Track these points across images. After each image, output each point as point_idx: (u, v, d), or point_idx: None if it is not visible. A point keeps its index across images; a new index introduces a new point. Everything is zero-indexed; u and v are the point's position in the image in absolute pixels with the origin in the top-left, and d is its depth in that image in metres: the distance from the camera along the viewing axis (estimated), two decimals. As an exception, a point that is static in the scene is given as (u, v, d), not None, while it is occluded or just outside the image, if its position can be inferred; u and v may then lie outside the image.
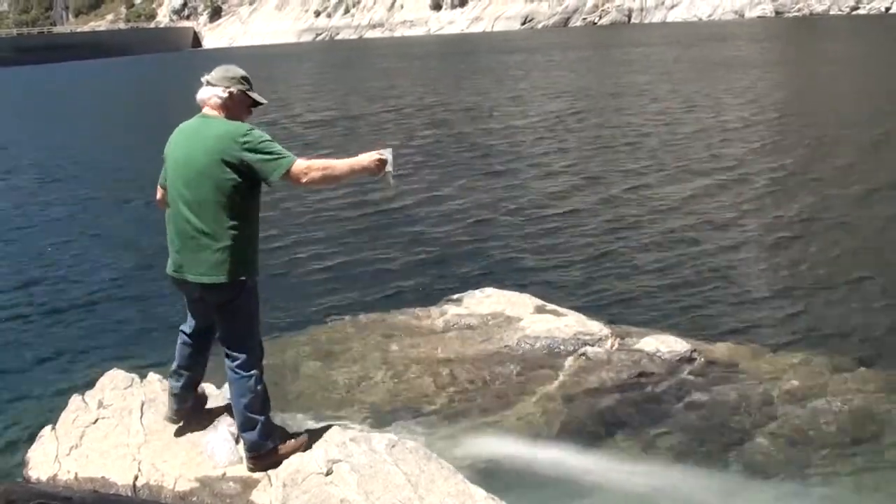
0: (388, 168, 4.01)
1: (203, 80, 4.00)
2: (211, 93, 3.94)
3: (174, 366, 4.34)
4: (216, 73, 3.99)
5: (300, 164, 3.81)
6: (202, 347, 4.28)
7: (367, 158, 3.96)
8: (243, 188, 3.81)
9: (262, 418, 4.04)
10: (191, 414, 4.43)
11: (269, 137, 3.84)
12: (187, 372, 4.29)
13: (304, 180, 3.83)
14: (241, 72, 4.03)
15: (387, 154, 4.00)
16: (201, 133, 3.87)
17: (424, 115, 23.88)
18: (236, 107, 3.98)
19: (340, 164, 3.97)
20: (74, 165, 19.44)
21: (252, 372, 4.00)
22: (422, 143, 19.08)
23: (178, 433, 4.41)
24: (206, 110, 3.97)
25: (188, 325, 4.24)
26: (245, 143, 3.77)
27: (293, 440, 4.16)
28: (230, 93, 3.94)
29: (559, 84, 30.37)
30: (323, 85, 37.98)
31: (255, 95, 4.05)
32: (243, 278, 3.88)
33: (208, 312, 4.06)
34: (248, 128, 3.84)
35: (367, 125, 22.87)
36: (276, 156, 3.79)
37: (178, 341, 4.30)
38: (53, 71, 73.98)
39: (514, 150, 17.31)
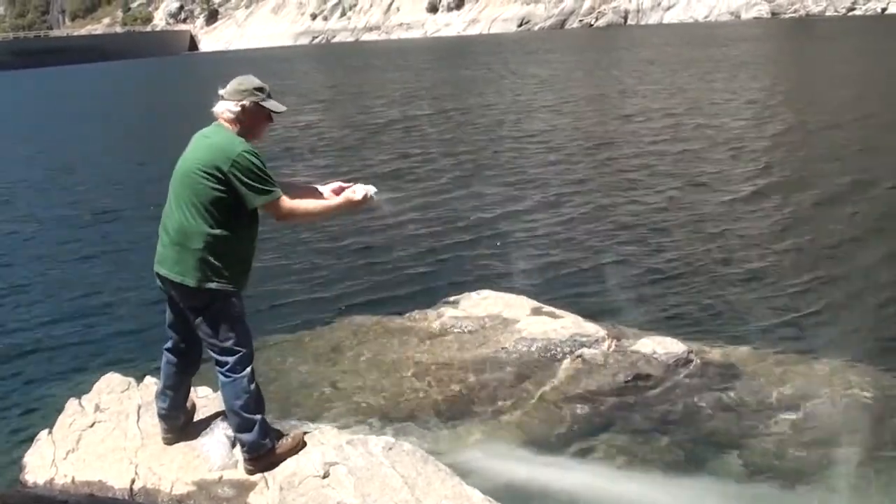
0: (373, 195, 4.08)
1: (219, 92, 3.99)
2: (224, 107, 3.95)
3: (160, 387, 4.35)
4: (230, 87, 3.97)
5: (284, 204, 3.89)
6: (186, 367, 4.27)
7: (344, 200, 4.07)
8: (228, 202, 3.82)
9: (258, 418, 4.04)
10: (184, 427, 4.43)
11: (260, 164, 3.82)
12: (172, 392, 4.29)
13: (286, 220, 4.01)
14: (254, 83, 3.99)
15: (359, 189, 4.07)
16: (204, 141, 3.90)
17: (426, 119, 23.84)
18: (250, 120, 3.96)
19: (322, 208, 4.07)
20: (74, 173, 19.39)
21: (243, 374, 3.99)
22: (423, 147, 19.07)
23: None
24: (219, 121, 3.97)
25: (171, 342, 4.24)
26: (234, 163, 3.76)
27: (289, 438, 4.16)
28: (242, 106, 3.93)
29: (562, 87, 30.38)
30: (336, 89, 37.71)
31: (269, 105, 4.01)
32: (212, 287, 3.86)
33: (185, 316, 4.04)
34: (243, 149, 3.81)
35: (375, 128, 22.85)
36: (261, 187, 3.81)
37: (163, 360, 4.29)
38: (51, 75, 73.93)
39: (512, 153, 17.31)
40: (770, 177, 13.14)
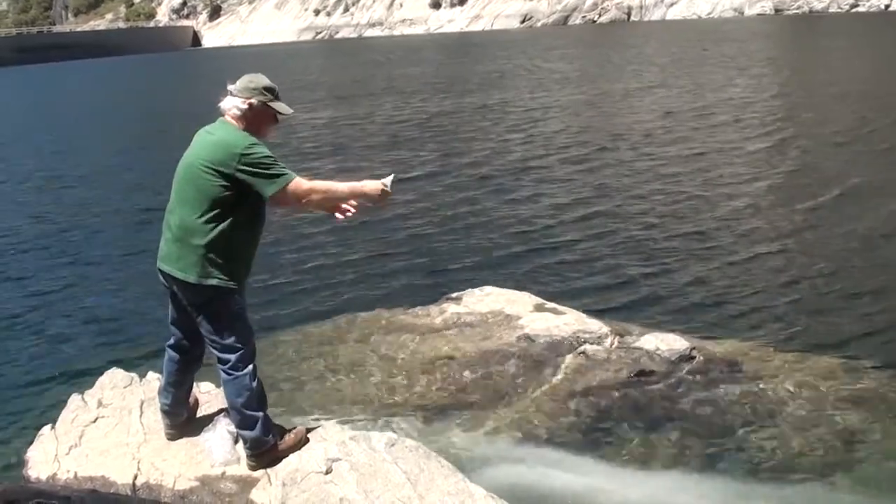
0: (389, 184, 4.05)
1: (228, 88, 3.97)
2: (231, 103, 3.93)
3: (162, 383, 4.35)
4: (239, 83, 3.96)
5: (300, 185, 3.83)
6: (188, 364, 4.27)
7: (370, 186, 3.99)
8: (231, 198, 3.80)
9: (260, 414, 4.04)
10: (187, 423, 4.43)
11: (268, 153, 3.81)
12: (174, 389, 4.29)
13: (303, 201, 3.87)
14: (264, 82, 3.97)
15: (388, 182, 4.02)
16: (209, 138, 3.89)
17: (435, 117, 23.77)
18: (256, 119, 3.95)
19: (342, 188, 3.99)
20: (77, 168, 19.43)
21: (245, 371, 3.98)
22: (427, 144, 19.07)
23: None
24: (225, 118, 3.96)
25: (173, 339, 4.23)
26: (241, 157, 3.75)
27: (292, 434, 4.16)
28: (250, 104, 3.91)
29: (566, 84, 30.33)
30: (359, 84, 37.12)
31: (277, 106, 3.99)
32: (214, 283, 3.84)
33: (188, 313, 4.03)
34: (249, 143, 3.80)
35: (392, 124, 22.82)
36: (273, 173, 3.79)
37: (165, 357, 4.29)
38: (54, 71, 73.95)
39: (516, 151, 17.30)
40: (777, 177, 13.08)
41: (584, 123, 20.06)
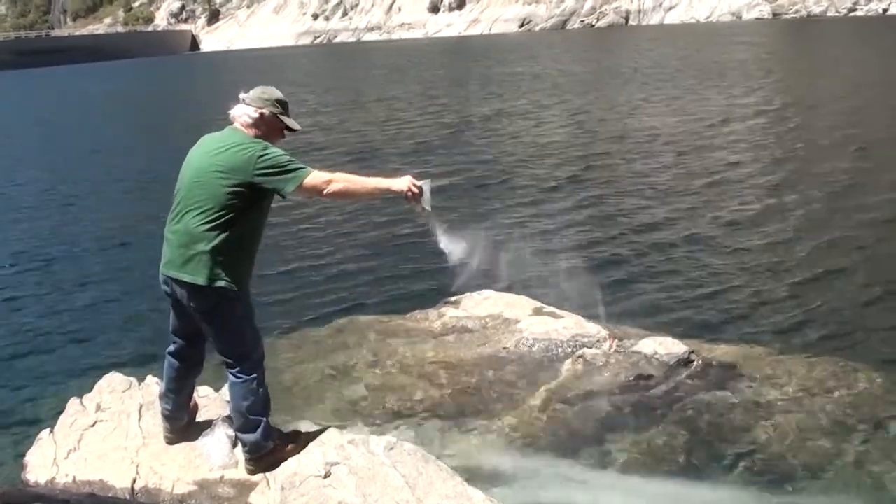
0: (426, 206, 3.99)
1: (240, 96, 4.00)
2: (243, 111, 3.96)
3: (163, 389, 4.36)
4: (253, 93, 4.00)
5: (319, 176, 3.83)
6: (189, 370, 4.28)
7: (397, 183, 3.98)
8: (243, 203, 3.82)
9: (263, 419, 4.04)
10: (187, 427, 4.44)
11: (283, 152, 3.84)
12: (175, 395, 4.30)
13: (325, 191, 3.85)
14: (277, 95, 4.01)
15: (424, 185, 3.97)
16: (221, 144, 3.90)
17: (434, 119, 23.79)
18: (266, 128, 3.97)
19: (365, 181, 3.98)
20: (78, 174, 19.43)
21: (253, 375, 4.00)
22: (427, 147, 19.08)
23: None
24: (235, 125, 3.98)
25: (174, 346, 4.23)
26: (258, 161, 3.77)
27: (291, 441, 4.17)
28: (261, 114, 3.94)
29: (568, 88, 30.34)
30: (382, 88, 36.86)
31: (287, 121, 4.03)
32: (222, 285, 3.84)
33: (192, 320, 4.02)
34: (262, 146, 3.83)
35: (385, 134, 22.83)
36: (290, 169, 3.80)
37: (166, 364, 4.29)
38: (53, 75, 73.92)
39: (513, 152, 17.31)
40: (777, 182, 13.09)
41: (589, 127, 20.05)
